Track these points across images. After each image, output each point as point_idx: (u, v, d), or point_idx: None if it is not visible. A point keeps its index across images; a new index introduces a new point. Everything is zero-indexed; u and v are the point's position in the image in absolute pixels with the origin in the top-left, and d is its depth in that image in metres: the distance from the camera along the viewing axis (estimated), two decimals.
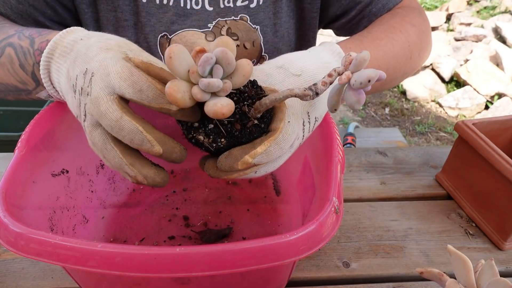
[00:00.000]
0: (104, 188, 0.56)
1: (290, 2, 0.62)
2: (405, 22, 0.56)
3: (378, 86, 0.54)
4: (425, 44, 0.58)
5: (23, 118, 1.58)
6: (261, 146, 0.33)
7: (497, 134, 0.62)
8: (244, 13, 0.60)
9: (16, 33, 0.44)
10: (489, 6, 3.29)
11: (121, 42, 0.36)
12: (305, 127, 0.38)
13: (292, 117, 0.36)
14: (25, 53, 0.42)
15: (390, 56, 0.52)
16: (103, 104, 0.32)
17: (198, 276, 0.29)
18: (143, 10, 0.57)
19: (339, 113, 2.48)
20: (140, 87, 0.31)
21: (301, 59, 0.40)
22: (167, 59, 0.30)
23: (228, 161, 0.33)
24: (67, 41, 0.38)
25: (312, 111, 0.38)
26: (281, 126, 0.34)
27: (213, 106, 0.30)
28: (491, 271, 0.32)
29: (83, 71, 0.34)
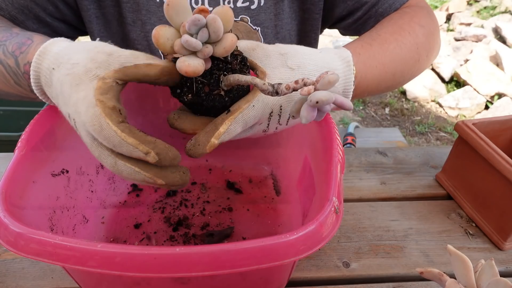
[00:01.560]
0: (104, 188, 0.56)
1: (292, 4, 0.61)
2: (413, 23, 0.55)
3: (385, 89, 0.53)
4: (433, 45, 0.57)
5: (23, 118, 1.58)
6: (223, 126, 0.35)
7: (497, 134, 0.62)
8: (244, 14, 0.60)
9: (0, 46, 0.42)
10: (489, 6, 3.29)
11: (89, 62, 0.34)
12: (273, 118, 0.39)
13: (260, 103, 0.37)
14: (15, 73, 0.41)
15: (398, 61, 0.51)
16: (94, 150, 0.34)
17: (198, 276, 0.29)
18: (143, 8, 0.57)
19: (339, 113, 2.48)
20: (112, 143, 0.32)
21: (306, 55, 0.40)
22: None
23: (197, 149, 0.35)
24: (44, 69, 0.37)
25: (287, 106, 0.39)
26: (244, 106, 0.36)
27: (181, 62, 0.32)
28: (491, 271, 0.32)
29: (67, 114, 0.35)
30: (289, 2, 0.61)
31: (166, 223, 0.54)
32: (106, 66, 0.34)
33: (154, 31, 0.32)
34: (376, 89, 0.50)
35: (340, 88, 0.42)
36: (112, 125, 0.32)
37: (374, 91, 0.50)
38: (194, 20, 0.31)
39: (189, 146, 0.36)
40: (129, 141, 0.32)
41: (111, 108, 0.33)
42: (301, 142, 0.54)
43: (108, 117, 0.32)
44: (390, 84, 0.52)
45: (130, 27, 0.59)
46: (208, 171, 0.64)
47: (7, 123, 1.59)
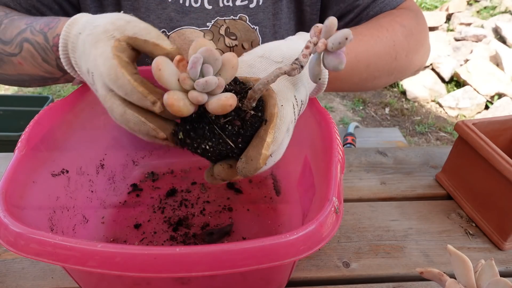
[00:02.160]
0: (104, 188, 0.56)
1: (290, 4, 0.61)
2: (394, 22, 0.55)
3: (359, 82, 0.53)
4: (414, 46, 0.57)
5: (23, 118, 1.58)
6: (269, 136, 0.34)
7: (497, 134, 0.62)
8: (243, 13, 0.60)
9: (27, 27, 0.45)
10: (489, 6, 3.29)
11: (108, 24, 0.37)
12: (295, 110, 0.39)
13: (284, 101, 0.37)
14: (43, 49, 0.44)
15: (371, 53, 0.51)
16: (107, 101, 0.36)
17: (198, 276, 0.29)
18: (143, 6, 0.58)
19: (339, 113, 2.48)
20: (125, 90, 0.34)
21: (280, 47, 0.42)
22: (156, 71, 0.32)
23: (251, 164, 0.34)
24: (72, 36, 0.40)
25: (297, 94, 0.40)
26: (276, 111, 0.35)
27: (218, 101, 0.31)
28: (491, 271, 0.32)
29: (86, 69, 0.38)
30: (287, 2, 0.61)
31: (166, 223, 0.54)
32: (122, 30, 0.37)
33: (167, 101, 0.31)
34: (349, 79, 0.51)
35: None
36: (127, 75, 0.34)
37: (347, 79, 0.51)
38: (196, 60, 0.30)
39: (242, 165, 0.34)
40: (140, 90, 0.34)
41: (126, 62, 0.35)
42: (301, 142, 0.54)
43: (124, 68, 0.34)
44: (364, 77, 0.53)
45: None
46: None
47: (7, 123, 1.59)
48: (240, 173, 0.35)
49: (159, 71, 0.31)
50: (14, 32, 0.46)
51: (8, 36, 0.46)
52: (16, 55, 0.46)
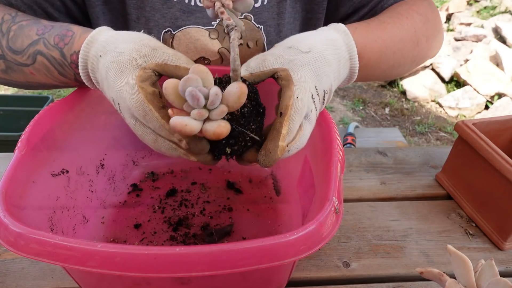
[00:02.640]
0: (104, 188, 0.56)
1: (295, 4, 0.62)
2: (412, 11, 0.56)
3: (387, 69, 0.54)
4: (432, 32, 0.58)
5: (23, 118, 1.58)
6: (284, 128, 0.36)
7: (497, 134, 0.62)
8: (248, 12, 0.60)
9: (40, 39, 0.45)
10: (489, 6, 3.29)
11: (133, 52, 0.38)
12: (315, 100, 0.40)
13: (300, 92, 0.38)
14: (60, 64, 0.45)
15: (397, 39, 0.52)
16: (137, 129, 0.38)
17: (198, 276, 0.29)
18: (148, 5, 0.58)
19: (339, 113, 2.48)
20: (153, 126, 0.36)
21: (309, 38, 0.43)
22: (165, 91, 0.34)
23: (270, 157, 0.36)
24: (91, 57, 0.41)
25: (319, 85, 0.40)
26: (290, 103, 0.37)
27: (212, 129, 0.33)
28: (491, 271, 0.32)
29: (111, 98, 0.39)
30: (292, 2, 0.61)
31: (166, 223, 0.54)
32: (149, 58, 0.38)
33: (171, 123, 0.33)
34: (378, 66, 0.51)
35: (345, 55, 0.44)
36: (154, 112, 0.36)
37: (376, 67, 0.51)
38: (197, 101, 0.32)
39: (261, 157, 0.37)
40: (167, 128, 0.36)
41: (152, 94, 0.37)
42: None
43: (151, 103, 0.36)
44: (391, 64, 0.53)
45: (134, 23, 0.59)
46: (208, 171, 0.64)
47: (7, 123, 1.59)
48: (261, 164, 0.37)
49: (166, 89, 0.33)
50: (25, 42, 0.46)
51: (19, 46, 0.46)
52: (28, 66, 0.46)
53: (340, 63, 0.44)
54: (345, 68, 0.45)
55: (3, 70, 0.48)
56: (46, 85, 0.49)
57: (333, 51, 0.43)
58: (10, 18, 0.49)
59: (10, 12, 0.50)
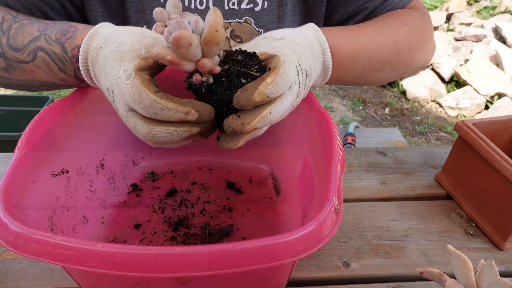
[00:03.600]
0: (104, 188, 0.56)
1: (294, 7, 0.62)
2: (397, 20, 0.56)
3: (362, 73, 0.54)
4: (417, 44, 0.58)
5: (23, 118, 1.58)
6: (269, 77, 0.36)
7: (497, 134, 0.62)
8: (248, 16, 0.60)
9: (41, 35, 0.45)
10: (489, 6, 3.29)
11: (135, 43, 0.38)
12: (300, 75, 0.40)
13: (287, 59, 0.38)
14: (61, 59, 0.44)
15: (373, 44, 0.52)
16: (129, 121, 0.37)
17: (198, 276, 0.29)
18: (147, 8, 0.58)
19: (339, 113, 2.48)
20: (153, 110, 0.34)
21: (281, 30, 0.45)
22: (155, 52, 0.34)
23: (245, 94, 0.35)
24: (93, 49, 0.41)
25: (301, 62, 0.41)
26: (279, 64, 0.37)
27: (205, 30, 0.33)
28: (491, 271, 0.32)
29: (106, 87, 0.38)
30: (292, 6, 0.61)
31: (166, 223, 0.54)
32: (151, 48, 0.38)
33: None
34: (352, 68, 0.52)
35: (317, 47, 0.45)
36: (151, 94, 0.34)
37: (350, 69, 0.52)
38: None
39: (237, 93, 0.36)
40: (170, 106, 0.34)
41: (148, 80, 0.36)
42: (301, 142, 0.54)
43: (147, 88, 0.35)
44: (367, 68, 0.53)
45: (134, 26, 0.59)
46: (208, 171, 0.64)
47: (7, 123, 1.59)
48: (234, 100, 0.36)
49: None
50: (26, 39, 0.45)
51: (19, 43, 0.45)
52: (29, 63, 0.46)
53: (314, 53, 0.44)
54: (319, 60, 0.46)
55: (4, 68, 0.48)
56: (47, 84, 0.49)
57: (305, 40, 0.44)
58: (11, 17, 0.48)
59: (11, 12, 0.50)
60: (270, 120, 0.37)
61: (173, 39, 0.31)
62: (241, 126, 0.36)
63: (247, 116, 0.36)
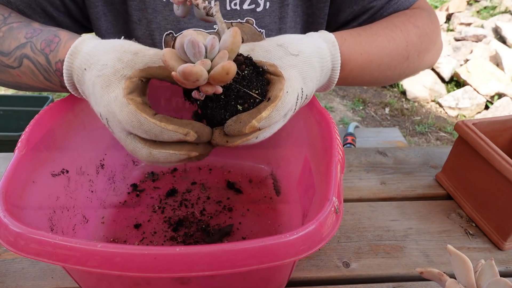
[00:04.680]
0: (104, 188, 0.56)
1: (296, 8, 0.62)
2: (408, 22, 0.56)
3: (371, 79, 0.54)
4: (426, 46, 0.58)
5: (23, 118, 1.58)
6: (266, 111, 0.36)
7: (497, 134, 0.62)
8: (250, 17, 0.60)
9: (27, 42, 0.45)
10: (489, 6, 3.29)
11: (116, 63, 0.38)
12: (298, 101, 0.40)
13: (290, 89, 0.38)
14: (45, 70, 0.44)
15: (384, 53, 0.52)
16: (128, 144, 0.37)
17: (198, 276, 0.29)
18: (150, 7, 0.58)
19: (339, 113, 2.48)
20: (153, 133, 0.35)
21: (300, 41, 0.43)
22: (163, 58, 0.33)
23: (237, 125, 0.35)
24: (76, 69, 0.40)
25: (305, 87, 0.41)
26: (281, 94, 0.37)
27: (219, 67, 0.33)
28: (491, 271, 0.32)
29: (99, 113, 0.39)
30: (293, 7, 0.61)
31: (166, 223, 0.54)
32: (132, 65, 0.37)
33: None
34: (360, 77, 0.52)
35: (329, 65, 0.45)
36: (150, 118, 0.34)
37: (358, 78, 0.52)
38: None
39: (230, 122, 0.36)
40: (170, 128, 0.34)
41: (142, 104, 0.36)
42: (301, 142, 0.54)
43: (144, 112, 0.35)
44: (376, 75, 0.54)
45: (136, 25, 0.59)
46: (208, 171, 0.64)
47: (7, 123, 1.59)
48: (226, 128, 0.36)
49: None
50: (12, 44, 0.45)
51: (6, 48, 0.45)
52: (15, 68, 0.46)
53: (323, 72, 0.44)
54: (326, 77, 0.46)
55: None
56: (35, 88, 0.49)
57: (319, 59, 0.43)
58: (2, 18, 0.48)
59: (3, 13, 0.50)
60: (254, 142, 0.38)
61: (183, 73, 0.31)
62: (224, 142, 0.37)
63: (232, 137, 0.37)
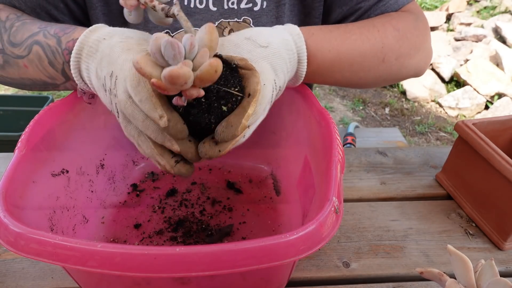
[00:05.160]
0: (104, 188, 0.56)
1: (293, 7, 0.62)
2: (388, 24, 0.54)
3: (342, 79, 0.53)
4: (407, 51, 0.55)
5: (23, 118, 1.58)
6: (251, 108, 0.36)
7: (497, 134, 0.62)
8: (247, 16, 0.60)
9: (40, 31, 0.46)
10: (489, 6, 3.29)
11: (141, 39, 0.39)
12: (273, 93, 0.41)
13: (266, 81, 0.39)
14: (53, 52, 0.44)
15: (356, 52, 0.51)
16: (128, 107, 0.36)
17: (198, 276, 0.29)
18: None
19: (339, 113, 2.48)
20: (140, 96, 0.34)
21: (267, 33, 0.43)
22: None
23: (229, 130, 0.35)
24: (92, 40, 0.41)
25: (277, 79, 0.41)
26: (259, 88, 0.37)
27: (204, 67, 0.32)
28: (491, 271, 0.32)
29: (109, 73, 0.38)
30: (290, 6, 0.61)
31: (166, 223, 0.54)
32: None
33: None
34: (330, 74, 0.51)
35: (295, 57, 0.45)
36: (146, 83, 0.34)
37: (327, 75, 0.51)
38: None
39: (221, 128, 0.35)
40: (153, 100, 0.34)
41: (150, 72, 0.35)
42: (301, 142, 0.54)
43: (147, 75, 0.34)
44: (348, 75, 0.53)
45: (133, 25, 0.59)
46: (208, 171, 0.64)
47: (7, 123, 1.59)
48: (218, 136, 0.36)
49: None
50: (25, 34, 0.46)
51: (19, 39, 0.46)
52: (23, 58, 0.46)
53: (291, 64, 0.44)
54: (293, 70, 0.46)
55: (1, 65, 0.48)
56: (37, 82, 0.49)
57: (287, 51, 0.44)
58: (15, 16, 0.49)
59: (16, 12, 0.51)
60: (242, 142, 0.39)
61: (170, 77, 0.29)
62: (217, 153, 0.37)
63: (224, 143, 0.37)
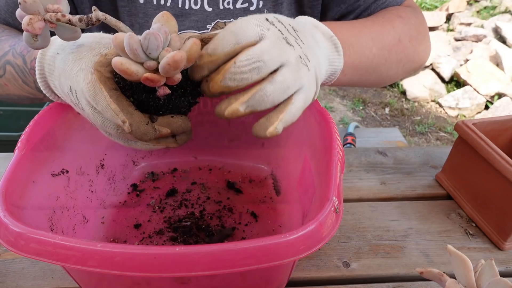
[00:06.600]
0: (104, 188, 0.56)
1: (290, 7, 0.62)
2: (390, 13, 0.56)
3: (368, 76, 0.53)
4: (416, 35, 0.57)
5: (23, 118, 1.58)
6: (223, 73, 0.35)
7: (497, 134, 0.62)
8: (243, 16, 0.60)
9: (10, 50, 0.46)
10: (489, 6, 3.29)
11: (93, 43, 0.38)
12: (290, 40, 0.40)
13: (234, 26, 0.39)
14: (22, 71, 0.44)
15: (372, 30, 0.52)
16: (96, 119, 0.36)
17: (198, 276, 0.29)
18: (141, 11, 0.57)
19: (339, 113, 2.48)
20: (100, 107, 0.34)
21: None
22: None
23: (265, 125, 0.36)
24: (48, 58, 0.39)
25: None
26: (213, 34, 0.37)
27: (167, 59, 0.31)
28: (491, 271, 0.32)
29: (69, 88, 0.37)
30: (288, 5, 0.61)
31: (166, 223, 0.54)
32: (110, 46, 0.37)
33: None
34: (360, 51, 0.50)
35: (327, 31, 0.44)
36: (104, 90, 0.34)
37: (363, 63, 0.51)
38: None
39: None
40: (112, 107, 0.34)
41: (107, 77, 0.35)
42: (301, 142, 0.54)
43: (103, 83, 0.34)
44: (375, 52, 0.52)
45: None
46: (208, 171, 0.64)
47: (7, 123, 1.59)
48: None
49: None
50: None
51: None
52: (1, 77, 0.46)
53: (324, 37, 0.43)
54: (330, 49, 0.44)
55: None
56: (21, 97, 0.48)
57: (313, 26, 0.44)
58: None
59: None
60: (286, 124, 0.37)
61: (174, 62, 0.29)
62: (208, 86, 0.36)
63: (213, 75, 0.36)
